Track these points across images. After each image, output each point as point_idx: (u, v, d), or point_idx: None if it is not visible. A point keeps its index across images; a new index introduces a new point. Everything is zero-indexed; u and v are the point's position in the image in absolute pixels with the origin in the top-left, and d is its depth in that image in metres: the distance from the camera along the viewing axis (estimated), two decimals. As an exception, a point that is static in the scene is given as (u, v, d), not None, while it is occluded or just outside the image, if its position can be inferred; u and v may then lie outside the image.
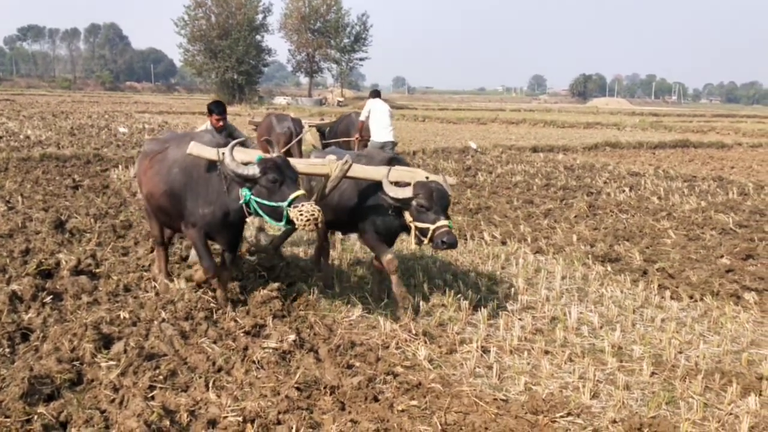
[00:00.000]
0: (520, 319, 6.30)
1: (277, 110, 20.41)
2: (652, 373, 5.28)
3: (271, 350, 5.33)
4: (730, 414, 4.69)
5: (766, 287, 7.45)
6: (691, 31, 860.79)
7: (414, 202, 5.90)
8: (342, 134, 13.69)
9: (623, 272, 8.00)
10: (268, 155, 5.71)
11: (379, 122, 12.61)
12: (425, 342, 5.69)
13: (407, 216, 6.02)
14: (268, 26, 67.50)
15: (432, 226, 5.78)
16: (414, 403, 4.63)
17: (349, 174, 6.09)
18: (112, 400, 4.42)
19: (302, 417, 4.25)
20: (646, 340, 6.00)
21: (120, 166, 15.40)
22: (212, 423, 4.20)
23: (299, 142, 12.62)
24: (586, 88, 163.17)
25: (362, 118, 12.86)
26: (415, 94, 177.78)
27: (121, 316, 5.90)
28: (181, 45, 64.41)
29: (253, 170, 5.42)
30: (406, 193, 5.93)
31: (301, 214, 5.13)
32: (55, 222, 9.14)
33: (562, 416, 4.53)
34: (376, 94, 13.40)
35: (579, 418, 4.55)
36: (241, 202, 5.57)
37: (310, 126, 13.73)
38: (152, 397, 4.45)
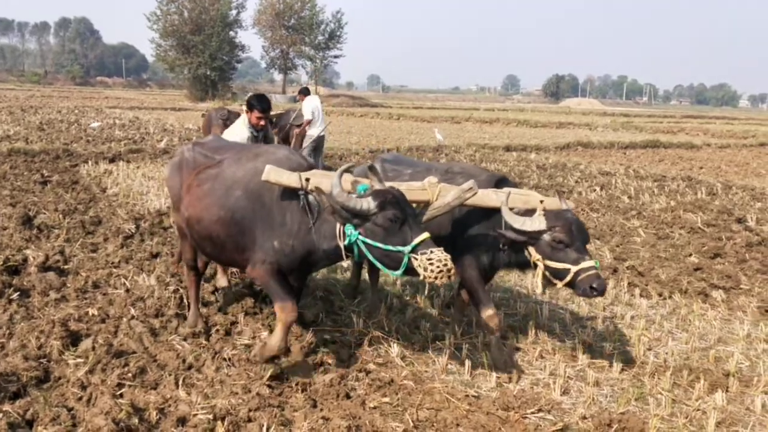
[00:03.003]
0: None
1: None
2: (622, 370, 5.34)
3: (242, 347, 5.30)
4: (698, 410, 4.75)
5: (733, 285, 7.57)
6: (662, 33, 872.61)
7: (547, 237, 4.83)
8: (282, 130, 14.54)
9: (594, 270, 8.06)
10: (378, 186, 4.57)
11: (315, 118, 13.55)
12: (398, 339, 5.69)
13: (533, 253, 4.90)
14: (241, 22, 66.87)
15: (574, 268, 4.72)
16: (386, 400, 4.63)
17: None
18: (80, 398, 4.35)
19: (273, 414, 4.22)
20: (616, 337, 6.06)
21: (90, 162, 15.18)
22: (182, 421, 4.15)
23: None
24: (558, 88, 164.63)
25: (308, 116, 13.50)
26: (390, 92, 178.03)
27: (90, 313, 5.82)
28: (154, 40, 63.51)
29: (368, 204, 4.28)
30: (537, 224, 4.83)
31: (431, 264, 4.11)
32: (23, 218, 8.97)
33: (532, 412, 4.56)
34: (307, 91, 14.29)
35: (549, 414, 4.59)
36: (343, 243, 4.44)
37: None
38: (121, 395, 4.40)
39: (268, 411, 4.26)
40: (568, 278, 4.74)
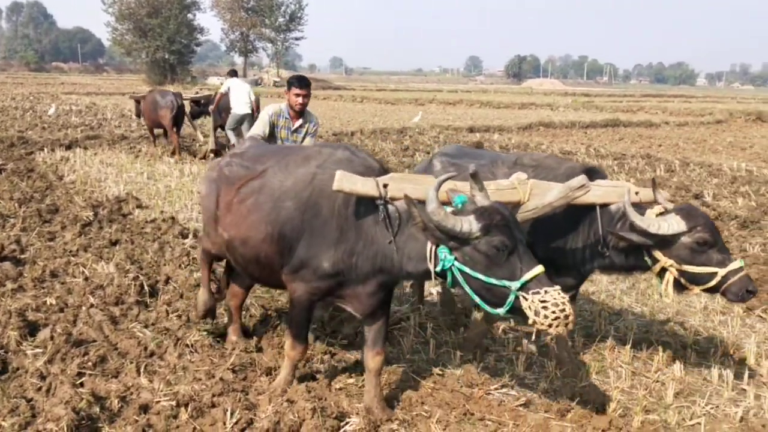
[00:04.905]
0: (456, 296, 6.35)
1: (211, 91, 20.69)
2: (584, 344, 5.43)
3: (205, 333, 5.25)
4: (657, 381, 4.86)
5: (690, 259, 7.71)
6: (621, 12, 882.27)
7: (687, 239, 4.26)
8: (224, 111, 15.28)
9: (556, 248, 8.16)
10: (481, 200, 3.75)
11: (239, 98, 14.35)
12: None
13: (660, 257, 4.32)
14: (199, 4, 65.54)
15: (721, 271, 4.20)
16: (351, 380, 4.65)
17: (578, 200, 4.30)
18: (39, 389, 4.27)
19: (237, 399, 4.19)
20: (577, 312, 6.14)
21: (45, 149, 14.84)
22: (144, 408, 4.10)
23: (182, 114, 15.46)
24: (520, 69, 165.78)
25: (222, 90, 14.74)
26: (353, 75, 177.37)
27: (48, 303, 5.71)
28: (109, 24, 62.03)
29: (470, 226, 3.52)
30: (676, 226, 4.25)
31: (545, 308, 3.36)
32: (-24, 207, 8.75)
33: (496, 388, 4.61)
34: (234, 73, 15.95)
35: (513, 390, 4.64)
36: (435, 268, 3.70)
37: (184, 99, 16.37)
38: (81, 384, 4.33)
39: (232, 396, 4.24)
40: (713, 282, 4.24)
